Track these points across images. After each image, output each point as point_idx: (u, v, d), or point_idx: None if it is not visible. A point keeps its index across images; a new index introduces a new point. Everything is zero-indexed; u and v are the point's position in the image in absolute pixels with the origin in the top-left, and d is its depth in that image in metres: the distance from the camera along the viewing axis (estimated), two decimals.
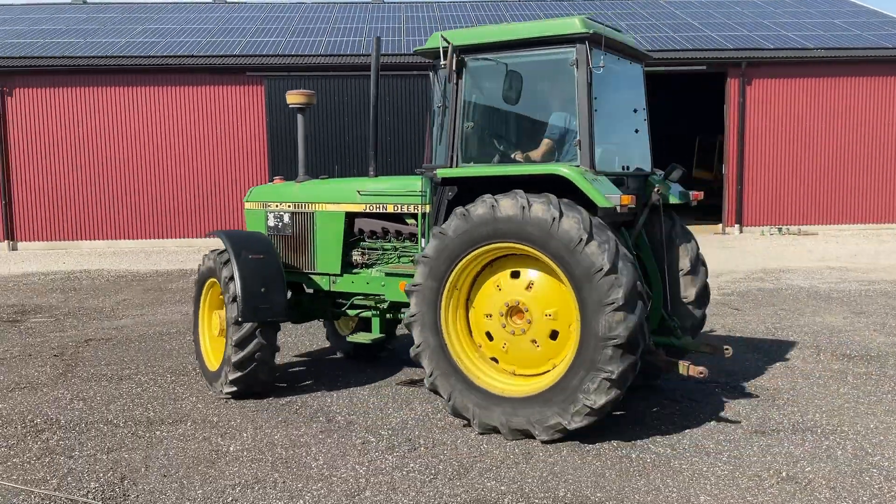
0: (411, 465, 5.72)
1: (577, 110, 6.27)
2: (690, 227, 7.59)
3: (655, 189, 6.94)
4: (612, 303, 5.64)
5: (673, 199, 7.15)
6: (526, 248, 5.98)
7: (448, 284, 6.34)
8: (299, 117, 8.36)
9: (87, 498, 5.20)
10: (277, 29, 24.65)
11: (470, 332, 6.49)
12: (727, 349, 6.83)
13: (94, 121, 21.26)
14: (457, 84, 6.61)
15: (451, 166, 6.62)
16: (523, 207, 5.90)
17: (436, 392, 6.53)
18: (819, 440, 6.14)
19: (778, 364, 8.53)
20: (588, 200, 5.99)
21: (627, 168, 7.08)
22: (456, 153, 6.63)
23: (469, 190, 6.57)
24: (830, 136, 22.19)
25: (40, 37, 23.24)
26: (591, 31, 6.20)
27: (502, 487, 5.31)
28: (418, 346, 6.48)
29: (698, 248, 7.23)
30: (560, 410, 5.87)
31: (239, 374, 7.09)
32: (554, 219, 5.81)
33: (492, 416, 6.17)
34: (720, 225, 22.91)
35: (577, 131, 6.28)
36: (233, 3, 28.78)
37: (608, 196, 5.95)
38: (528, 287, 6.18)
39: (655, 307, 7.00)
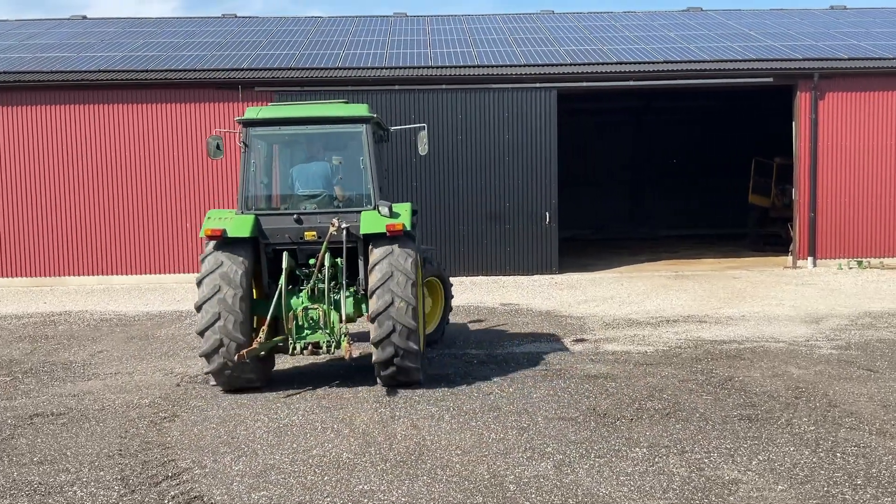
0: None
1: None
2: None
3: (333, 223, 8.50)
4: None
5: (364, 230, 8.57)
6: None
7: None
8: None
9: None
10: (291, 42, 22.34)
11: None
12: (256, 341, 8.37)
13: (85, 141, 18.93)
14: None
15: None
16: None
17: None
18: None
19: None
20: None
21: (315, 208, 8.93)
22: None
23: None
24: None
25: (29, 51, 21.04)
26: (243, 118, 8.84)
27: None
28: None
29: (380, 269, 8.24)
30: None
31: None
32: (204, 259, 8.44)
33: None
34: (789, 257, 20.19)
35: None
36: (244, 17, 26.60)
37: (205, 229, 8.40)
38: None
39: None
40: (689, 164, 31.44)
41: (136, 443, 6.93)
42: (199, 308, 8.28)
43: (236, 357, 8.07)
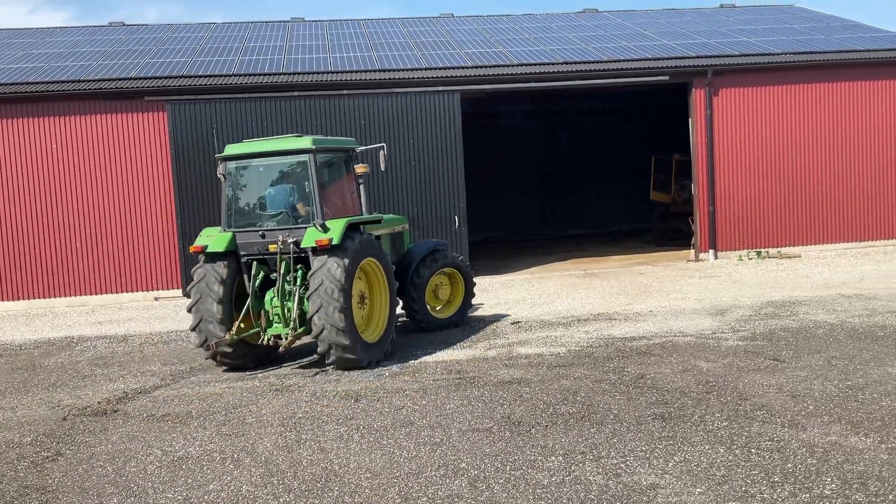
0: None
1: None
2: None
3: (279, 239, 10.31)
4: None
5: (304, 244, 10.18)
6: None
7: None
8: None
9: None
10: (183, 49, 21.49)
11: None
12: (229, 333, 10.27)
13: None
14: None
15: None
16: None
17: None
18: None
19: None
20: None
21: (275, 225, 10.65)
22: None
23: None
24: (808, 149, 20.17)
25: None
26: (221, 154, 10.91)
27: None
28: None
29: (314, 278, 9.92)
30: None
31: None
32: (194, 271, 10.57)
33: None
34: (691, 251, 20.62)
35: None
36: (132, 25, 25.46)
37: (192, 246, 10.69)
38: None
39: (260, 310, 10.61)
40: (595, 163, 31.89)
41: (12, 488, 6.30)
42: (189, 310, 10.53)
43: (206, 348, 10.28)
